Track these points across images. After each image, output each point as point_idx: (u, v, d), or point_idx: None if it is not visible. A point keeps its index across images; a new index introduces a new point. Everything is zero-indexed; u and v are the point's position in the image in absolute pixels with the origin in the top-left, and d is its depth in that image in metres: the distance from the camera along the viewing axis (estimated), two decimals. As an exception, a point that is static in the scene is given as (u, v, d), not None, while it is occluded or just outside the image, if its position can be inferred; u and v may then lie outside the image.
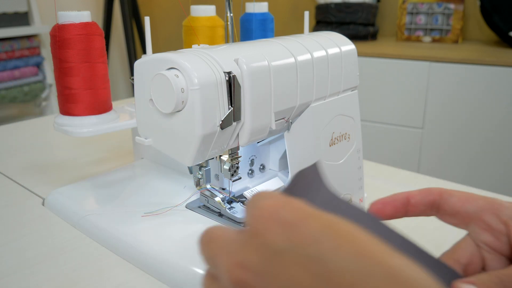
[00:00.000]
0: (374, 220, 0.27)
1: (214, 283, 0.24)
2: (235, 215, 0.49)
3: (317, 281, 0.19)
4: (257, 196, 0.24)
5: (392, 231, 0.27)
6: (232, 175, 0.48)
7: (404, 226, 0.38)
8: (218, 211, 0.51)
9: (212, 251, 0.24)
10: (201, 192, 0.51)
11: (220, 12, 0.60)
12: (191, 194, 0.55)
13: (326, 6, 1.93)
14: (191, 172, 0.50)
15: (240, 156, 0.48)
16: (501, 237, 0.31)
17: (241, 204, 0.51)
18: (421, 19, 1.91)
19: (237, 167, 0.49)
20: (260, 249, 0.21)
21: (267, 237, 0.21)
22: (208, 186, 0.51)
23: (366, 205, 0.66)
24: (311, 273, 0.20)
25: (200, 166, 0.49)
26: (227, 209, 0.50)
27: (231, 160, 0.48)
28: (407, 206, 0.34)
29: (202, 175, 0.49)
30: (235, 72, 0.41)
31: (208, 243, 0.24)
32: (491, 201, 0.32)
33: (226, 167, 0.48)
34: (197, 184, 0.50)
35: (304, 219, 0.21)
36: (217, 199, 0.50)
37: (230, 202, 0.52)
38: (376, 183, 0.78)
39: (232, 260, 0.22)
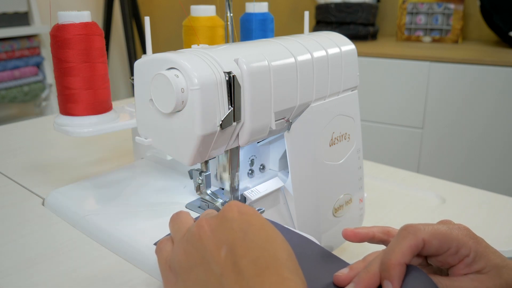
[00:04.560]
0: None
1: (168, 243, 0.38)
2: None
3: (235, 239, 0.32)
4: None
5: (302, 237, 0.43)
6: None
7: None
8: None
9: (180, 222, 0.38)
10: (201, 198, 0.51)
11: (220, 12, 0.60)
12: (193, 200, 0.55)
13: (326, 6, 1.93)
14: (191, 177, 0.50)
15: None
16: None
17: None
18: (421, 19, 1.91)
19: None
20: (219, 216, 0.34)
21: (226, 212, 0.34)
22: (209, 192, 0.51)
23: (365, 205, 0.66)
24: (236, 234, 0.32)
25: (201, 172, 0.49)
26: None
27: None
28: (371, 239, 0.43)
29: (202, 180, 0.49)
30: (235, 72, 0.41)
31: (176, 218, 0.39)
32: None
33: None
34: (198, 189, 0.50)
35: (256, 215, 0.34)
36: (218, 204, 0.50)
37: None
38: (376, 183, 0.78)
39: (201, 222, 0.35)
